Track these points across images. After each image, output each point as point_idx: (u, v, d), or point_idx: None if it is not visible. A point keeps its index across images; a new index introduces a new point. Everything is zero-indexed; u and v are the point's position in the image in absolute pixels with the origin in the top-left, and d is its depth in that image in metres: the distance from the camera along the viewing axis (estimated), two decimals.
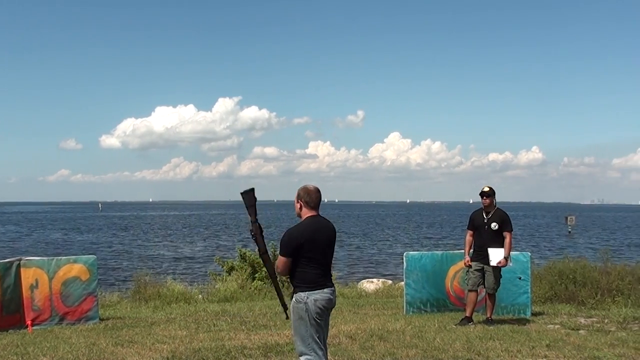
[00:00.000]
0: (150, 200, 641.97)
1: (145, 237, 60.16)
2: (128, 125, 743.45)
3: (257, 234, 6.19)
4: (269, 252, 6.66)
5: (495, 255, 10.79)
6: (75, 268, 11.42)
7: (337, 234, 6.28)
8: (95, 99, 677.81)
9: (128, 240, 55.02)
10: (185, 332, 10.41)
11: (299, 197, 6.06)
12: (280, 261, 5.95)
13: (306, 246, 5.87)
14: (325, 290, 5.98)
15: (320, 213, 6.11)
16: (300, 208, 6.06)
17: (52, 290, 11.23)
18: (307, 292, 5.92)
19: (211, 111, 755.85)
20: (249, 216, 6.23)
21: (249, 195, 6.27)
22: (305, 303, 5.89)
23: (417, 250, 13.96)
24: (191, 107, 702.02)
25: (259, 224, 6.21)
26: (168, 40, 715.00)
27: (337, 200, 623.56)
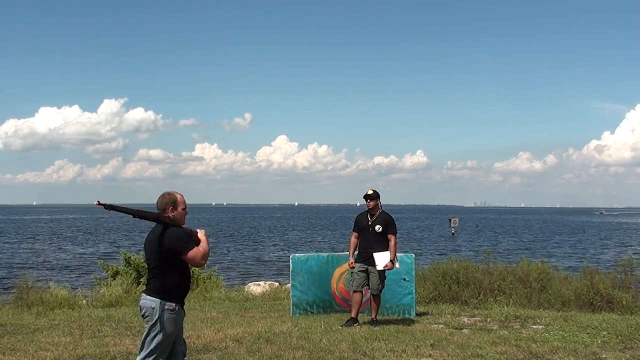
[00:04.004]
0: (34, 203, 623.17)
1: (28, 242, 58.12)
2: (10, 126, 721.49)
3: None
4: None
5: (381, 259, 10.89)
6: None
7: (225, 237, 6.23)
8: None
9: (8, 245, 53.11)
10: (69, 339, 10.12)
11: (174, 205, 5.96)
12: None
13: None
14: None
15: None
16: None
17: None
18: None
19: (96, 112, 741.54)
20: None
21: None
22: None
23: (304, 252, 14.05)
24: (76, 108, 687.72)
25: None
26: (53, 40, 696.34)
27: (225, 204, 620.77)
